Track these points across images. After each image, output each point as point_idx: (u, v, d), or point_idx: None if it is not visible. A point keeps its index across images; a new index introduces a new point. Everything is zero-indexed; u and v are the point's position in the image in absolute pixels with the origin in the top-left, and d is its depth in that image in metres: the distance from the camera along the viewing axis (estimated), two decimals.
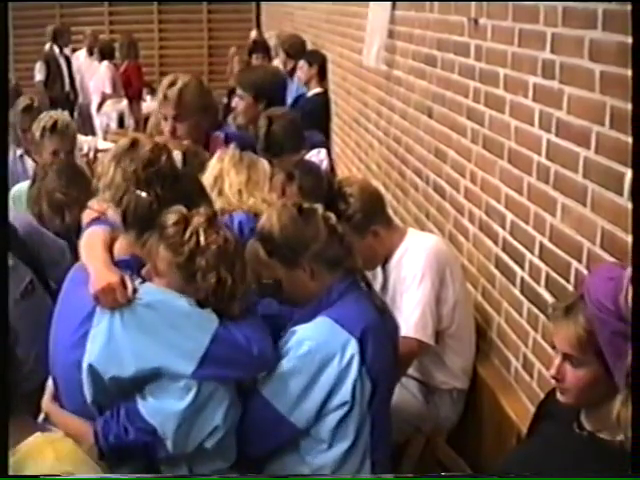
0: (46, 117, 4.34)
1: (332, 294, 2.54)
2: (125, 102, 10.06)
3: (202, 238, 2.40)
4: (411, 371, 3.25)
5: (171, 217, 2.44)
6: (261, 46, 8.85)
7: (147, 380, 2.39)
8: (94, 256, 2.57)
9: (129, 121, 9.83)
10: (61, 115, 4.44)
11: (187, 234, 2.40)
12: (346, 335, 2.45)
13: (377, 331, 2.51)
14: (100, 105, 10.00)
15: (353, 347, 2.45)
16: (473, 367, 3.33)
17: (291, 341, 2.49)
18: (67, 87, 10.29)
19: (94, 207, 3.39)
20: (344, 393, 2.46)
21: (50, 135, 4.22)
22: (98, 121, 9.97)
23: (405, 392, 3.22)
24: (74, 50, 11.01)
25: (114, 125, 9.66)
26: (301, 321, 2.55)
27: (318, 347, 2.45)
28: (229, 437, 2.48)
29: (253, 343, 2.44)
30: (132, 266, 2.50)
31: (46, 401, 2.55)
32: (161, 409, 2.39)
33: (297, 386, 2.46)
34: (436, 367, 3.26)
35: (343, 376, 2.45)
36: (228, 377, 2.46)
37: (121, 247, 2.61)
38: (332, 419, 2.48)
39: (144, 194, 2.55)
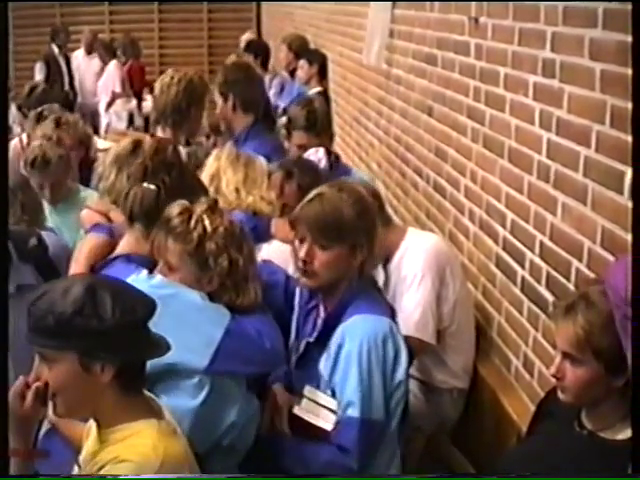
0: (30, 149, 4.13)
1: (354, 289, 2.49)
2: (135, 101, 10.05)
3: (207, 223, 2.46)
4: (412, 371, 3.25)
5: (175, 209, 2.50)
6: (254, 45, 8.83)
7: (160, 378, 2.38)
8: (75, 268, 2.84)
9: (138, 120, 9.81)
10: (43, 150, 4.08)
11: (192, 222, 2.46)
12: (387, 320, 2.46)
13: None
14: (109, 104, 9.98)
15: (395, 327, 2.47)
16: (474, 366, 3.33)
17: (345, 350, 2.42)
18: (66, 87, 10.28)
19: (93, 208, 3.44)
20: (401, 372, 2.45)
21: (31, 170, 4.00)
22: (105, 120, 9.94)
23: None
24: (72, 50, 11.00)
25: (124, 125, 9.60)
26: (332, 316, 2.49)
27: (375, 341, 2.41)
28: (244, 434, 2.48)
29: (265, 337, 2.46)
30: (144, 263, 2.56)
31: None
32: (176, 407, 2.38)
33: (379, 388, 2.41)
34: (436, 366, 3.25)
35: (398, 355, 2.44)
36: (242, 372, 2.47)
37: (128, 243, 2.69)
38: (395, 400, 2.46)
39: (152, 186, 2.64)
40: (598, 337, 1.89)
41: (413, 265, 3.15)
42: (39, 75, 10.30)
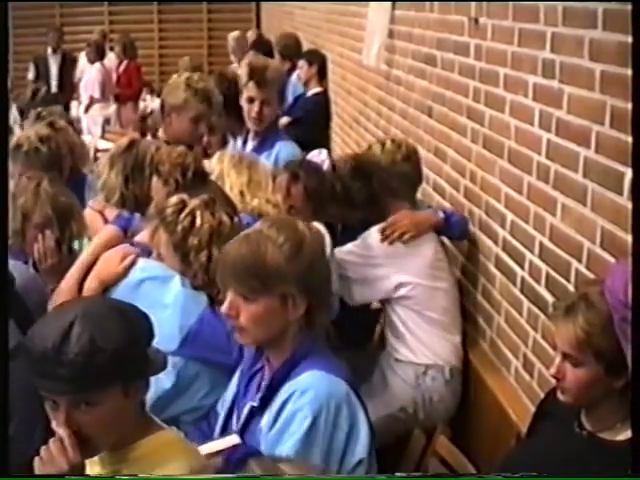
0: (17, 136, 3.89)
1: (303, 345, 2.15)
2: (113, 107, 9.99)
3: (197, 219, 2.52)
4: (399, 356, 3.32)
5: (171, 201, 2.59)
6: (259, 44, 8.85)
7: None
8: (79, 261, 2.94)
9: (115, 126, 9.72)
10: (27, 136, 3.83)
11: (182, 215, 2.53)
12: (344, 384, 2.12)
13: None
14: (87, 107, 9.95)
15: (354, 395, 2.14)
16: (474, 369, 3.34)
17: (289, 408, 2.07)
18: (54, 88, 10.24)
19: (94, 207, 3.51)
20: (360, 449, 2.10)
21: (11, 155, 3.61)
22: (85, 123, 9.90)
23: (394, 376, 3.30)
24: (78, 50, 10.98)
25: (98, 130, 9.50)
26: (279, 374, 2.14)
27: (327, 403, 2.06)
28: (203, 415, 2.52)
29: None
30: (145, 251, 2.70)
31: None
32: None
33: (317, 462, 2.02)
34: (410, 342, 3.29)
35: (353, 429, 2.09)
36: (209, 359, 2.51)
37: (141, 238, 2.86)
38: None
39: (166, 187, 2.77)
40: (598, 338, 1.90)
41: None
42: (30, 75, 10.34)
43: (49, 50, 10.58)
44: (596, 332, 1.90)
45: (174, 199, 2.59)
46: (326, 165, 4.00)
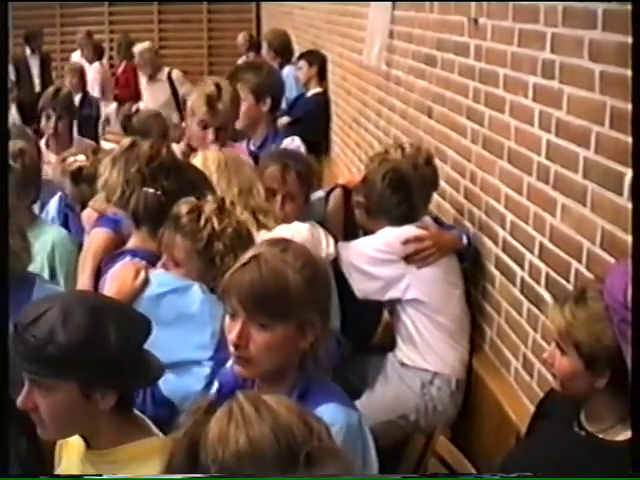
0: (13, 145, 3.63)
1: (308, 377, 2.01)
2: (114, 106, 9.96)
3: (216, 224, 2.50)
4: (406, 360, 3.31)
5: (184, 207, 2.55)
6: (254, 44, 8.87)
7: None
8: (83, 267, 2.95)
9: (116, 125, 9.68)
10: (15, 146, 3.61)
11: (202, 221, 2.50)
12: (356, 412, 2.02)
13: None
14: None
15: (363, 420, 2.03)
16: (474, 369, 3.34)
17: None
18: (38, 89, 10.20)
19: (95, 206, 3.49)
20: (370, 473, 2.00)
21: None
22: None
23: (399, 382, 3.28)
24: (70, 51, 10.96)
25: (99, 129, 9.45)
26: None
27: (346, 438, 1.90)
28: None
29: None
30: (150, 258, 2.66)
31: None
32: (182, 387, 2.44)
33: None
34: (424, 352, 3.28)
35: (366, 454, 2.00)
36: None
37: (135, 243, 2.80)
38: None
39: (151, 190, 2.70)
40: (579, 332, 1.94)
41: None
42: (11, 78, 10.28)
43: (27, 51, 10.48)
44: (578, 325, 1.94)
45: (186, 206, 2.55)
46: (302, 150, 4.06)
